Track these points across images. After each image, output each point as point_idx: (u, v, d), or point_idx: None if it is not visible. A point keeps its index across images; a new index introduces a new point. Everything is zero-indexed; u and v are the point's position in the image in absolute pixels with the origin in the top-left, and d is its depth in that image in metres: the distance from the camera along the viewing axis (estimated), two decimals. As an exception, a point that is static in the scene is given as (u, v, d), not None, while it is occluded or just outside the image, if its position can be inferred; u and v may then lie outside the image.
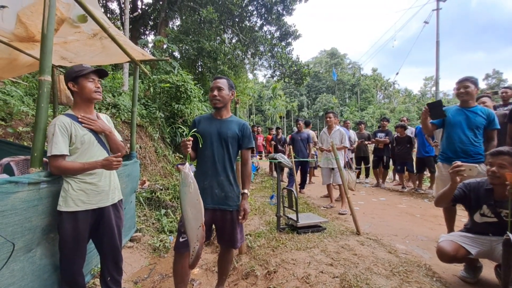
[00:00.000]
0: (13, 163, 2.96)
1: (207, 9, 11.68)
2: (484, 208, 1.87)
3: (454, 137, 2.72)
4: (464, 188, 1.95)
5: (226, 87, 1.83)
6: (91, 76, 1.74)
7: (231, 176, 1.82)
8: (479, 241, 1.86)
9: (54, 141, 1.60)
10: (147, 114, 7.41)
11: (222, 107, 1.85)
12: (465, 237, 1.90)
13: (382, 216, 3.96)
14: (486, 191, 1.86)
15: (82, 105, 1.78)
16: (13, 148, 3.57)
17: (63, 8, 2.12)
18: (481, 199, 1.87)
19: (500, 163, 1.74)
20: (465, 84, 2.67)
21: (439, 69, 12.80)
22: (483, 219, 1.88)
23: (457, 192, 1.92)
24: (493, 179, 1.78)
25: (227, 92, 1.82)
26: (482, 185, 1.90)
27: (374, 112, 46.84)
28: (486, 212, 1.86)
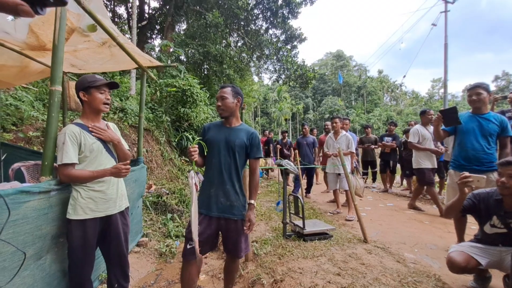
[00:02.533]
0: (24, 168, 3.02)
1: (213, 13, 11.79)
2: (494, 219, 1.84)
3: (467, 145, 2.67)
4: (474, 198, 1.92)
5: (230, 95, 1.82)
6: (103, 88, 1.77)
7: (237, 185, 1.82)
8: (489, 252, 1.83)
9: (65, 149, 1.63)
10: (153, 118, 7.49)
11: (228, 116, 1.85)
12: (475, 247, 1.87)
13: (390, 223, 3.90)
14: (495, 201, 1.83)
15: (90, 114, 1.81)
16: (23, 153, 3.65)
17: (73, 18, 2.16)
18: (491, 210, 1.84)
19: (509, 173, 1.70)
20: (477, 91, 2.63)
21: (448, 71, 12.63)
22: (493, 230, 1.85)
23: (467, 203, 1.89)
24: (503, 190, 1.75)
25: (231, 100, 1.81)
26: (492, 195, 1.87)
27: (381, 115, 46.39)
28: (496, 223, 1.83)
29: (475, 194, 1.93)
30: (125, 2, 15.36)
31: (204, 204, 1.80)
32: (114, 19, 16.32)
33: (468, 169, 2.68)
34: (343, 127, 4.85)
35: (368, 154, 6.90)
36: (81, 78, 1.81)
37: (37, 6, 0.43)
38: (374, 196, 6.11)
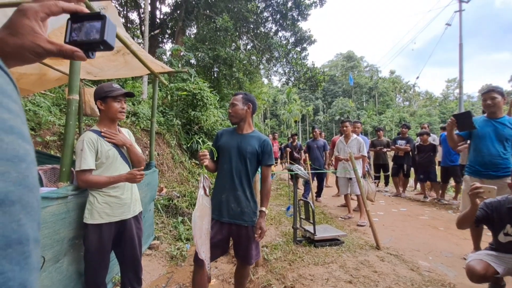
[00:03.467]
0: (42, 172, 3.15)
1: (222, 17, 11.91)
2: (508, 227, 1.80)
3: (482, 149, 2.59)
4: (486, 208, 1.88)
5: (240, 102, 1.85)
6: (119, 97, 1.83)
7: (248, 192, 1.83)
8: (505, 260, 1.80)
9: (83, 156, 1.69)
10: (164, 121, 7.62)
11: (239, 122, 1.87)
12: (491, 255, 1.82)
13: (403, 229, 3.81)
14: (508, 210, 1.79)
15: (106, 122, 1.87)
16: (42, 157, 3.79)
17: (90, 28, 2.24)
18: (504, 219, 1.80)
19: None
20: (491, 95, 2.56)
21: (463, 71, 12.26)
22: (507, 239, 1.81)
23: (479, 213, 1.85)
24: None
25: (241, 106, 1.84)
26: (504, 204, 1.83)
27: (393, 116, 45.44)
28: (510, 232, 1.79)
29: (487, 204, 1.89)
30: (138, 8, 15.77)
31: (216, 209, 1.82)
32: (127, 24, 16.76)
33: (485, 174, 2.60)
34: (354, 130, 4.78)
35: (380, 157, 6.77)
36: (99, 88, 1.87)
37: (89, 52, 0.48)
38: (386, 201, 5.99)
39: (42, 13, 0.43)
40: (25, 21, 0.42)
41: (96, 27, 0.47)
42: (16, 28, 0.41)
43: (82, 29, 0.47)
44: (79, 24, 0.47)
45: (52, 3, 0.44)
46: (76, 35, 0.47)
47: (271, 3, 13.58)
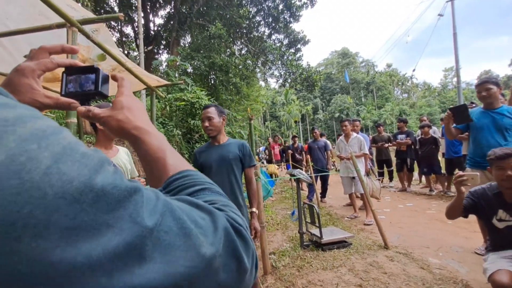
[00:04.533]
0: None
1: (215, 25, 12.01)
2: (500, 212, 1.78)
3: (481, 141, 2.57)
4: (472, 196, 1.87)
5: (216, 114, 1.89)
6: None
7: (240, 198, 1.87)
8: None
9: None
10: (164, 132, 7.65)
11: (217, 134, 1.91)
12: (504, 258, 1.76)
13: (411, 225, 3.78)
14: (495, 195, 1.78)
15: (104, 141, 1.91)
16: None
17: (83, 51, 2.27)
18: (493, 205, 1.79)
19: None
20: (486, 86, 2.54)
21: (459, 61, 12.21)
22: (504, 224, 1.78)
23: (466, 202, 1.85)
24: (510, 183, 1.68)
25: (217, 119, 1.88)
26: (489, 190, 1.82)
27: (393, 109, 45.35)
28: (503, 217, 1.77)
29: (472, 192, 1.88)
30: (132, 22, 15.93)
31: None
32: (122, 38, 16.94)
33: (485, 166, 2.57)
34: (354, 129, 4.78)
35: (382, 153, 6.74)
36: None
37: (85, 102, 0.50)
38: (392, 197, 5.95)
39: (38, 71, 0.46)
40: (24, 80, 0.45)
41: (91, 78, 0.49)
42: (16, 86, 0.45)
43: (77, 81, 0.49)
44: (74, 76, 0.49)
45: (47, 60, 0.47)
46: (72, 87, 0.49)
47: (262, 7, 13.67)
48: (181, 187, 0.38)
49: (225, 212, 0.34)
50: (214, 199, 0.37)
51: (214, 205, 0.35)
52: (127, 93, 0.48)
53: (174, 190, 0.38)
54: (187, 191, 0.38)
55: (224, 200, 0.38)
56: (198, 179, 0.40)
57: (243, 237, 0.32)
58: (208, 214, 0.31)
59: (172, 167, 0.42)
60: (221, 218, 0.31)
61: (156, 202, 0.27)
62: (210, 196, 0.37)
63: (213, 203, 0.36)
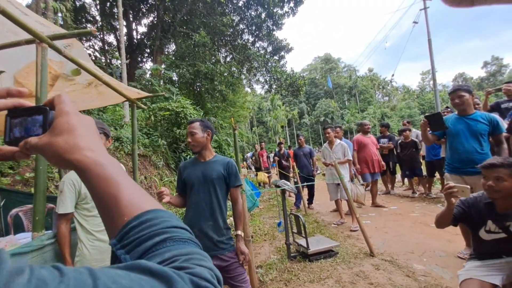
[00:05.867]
0: (22, 214, 2.99)
1: (199, 33, 11.99)
2: (489, 223, 1.74)
3: (458, 147, 2.66)
4: (462, 205, 1.84)
5: (200, 130, 1.82)
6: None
7: (221, 220, 1.78)
8: (496, 267, 1.73)
9: (62, 199, 1.66)
10: (149, 143, 7.47)
11: (200, 150, 1.84)
12: (481, 267, 1.78)
13: (396, 229, 3.84)
14: (486, 205, 1.75)
15: None
16: (21, 196, 3.61)
17: (56, 66, 2.17)
18: (483, 214, 1.76)
19: (496, 176, 1.65)
20: (459, 94, 2.64)
21: (435, 65, 12.78)
22: (491, 236, 1.74)
23: (456, 211, 1.82)
24: (492, 194, 1.68)
25: (201, 134, 1.81)
26: (481, 200, 1.79)
27: (375, 112, 46.68)
28: (492, 228, 1.74)
29: (463, 201, 1.86)
30: (114, 30, 15.66)
31: None
32: (104, 47, 16.59)
33: (463, 171, 2.66)
34: (336, 135, 4.83)
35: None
36: None
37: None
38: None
39: None
40: None
41: (38, 121, 0.43)
42: None
43: (23, 125, 0.43)
44: (19, 119, 0.43)
45: None
46: (18, 131, 0.43)
47: (245, 15, 13.83)
48: (137, 241, 0.33)
49: (189, 269, 0.30)
50: (176, 253, 0.32)
51: (175, 263, 0.31)
52: (68, 110, 0.40)
53: (130, 245, 0.33)
54: (145, 245, 0.33)
55: (189, 250, 0.34)
56: (158, 224, 0.35)
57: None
58: (165, 282, 0.27)
59: (127, 208, 0.35)
60: (180, 284, 0.27)
61: None
62: (172, 250, 0.33)
63: (174, 260, 0.31)
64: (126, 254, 0.33)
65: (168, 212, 0.38)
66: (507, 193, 1.66)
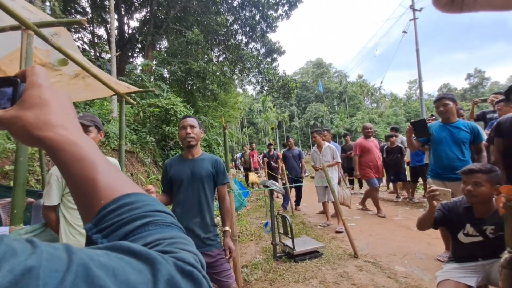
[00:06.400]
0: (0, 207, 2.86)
1: (193, 31, 11.89)
2: (467, 227, 1.81)
3: (441, 154, 2.75)
4: (443, 209, 1.91)
5: (197, 124, 1.83)
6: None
7: (208, 217, 1.79)
8: (472, 269, 1.81)
9: (48, 191, 1.67)
10: (137, 139, 7.33)
11: (195, 145, 1.82)
12: (458, 269, 1.85)
13: (379, 232, 3.93)
14: (465, 209, 1.82)
15: None
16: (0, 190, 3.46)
17: (41, 55, 2.10)
18: (462, 218, 1.82)
19: (474, 181, 1.72)
20: (443, 102, 2.75)
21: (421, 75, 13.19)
22: (469, 239, 1.81)
23: (437, 214, 1.88)
24: (471, 198, 1.75)
25: (198, 129, 1.82)
26: (460, 204, 1.86)
27: (363, 118, 47.63)
28: (470, 232, 1.80)
29: (443, 205, 1.92)
30: (105, 23, 15.28)
31: None
32: (94, 39, 16.16)
33: (446, 177, 2.75)
34: (323, 138, 4.87)
35: (351, 161, 7.01)
36: None
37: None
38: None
39: None
40: None
41: (7, 93, 0.39)
42: None
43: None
44: None
45: None
46: None
47: (239, 16, 13.82)
48: (117, 225, 0.31)
49: (173, 253, 0.29)
50: (159, 237, 0.31)
51: (158, 247, 0.29)
52: (41, 83, 0.36)
53: (108, 229, 0.31)
54: (125, 229, 0.30)
55: (173, 234, 0.32)
56: (139, 208, 0.32)
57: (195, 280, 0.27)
58: (147, 264, 0.26)
59: (105, 191, 0.32)
60: (164, 266, 0.26)
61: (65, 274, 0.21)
62: (155, 234, 0.31)
63: (157, 244, 0.30)
64: (103, 239, 0.31)
65: (150, 196, 0.36)
66: (484, 198, 1.73)
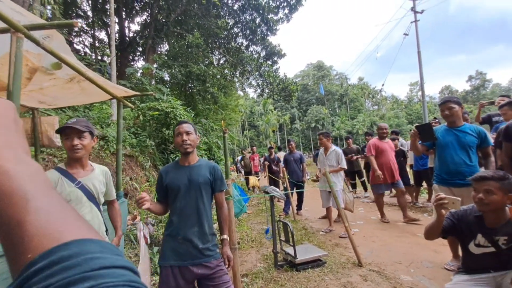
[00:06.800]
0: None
1: (193, 34, 11.88)
2: (479, 237, 1.72)
3: (446, 158, 2.66)
4: (452, 218, 1.82)
5: (193, 130, 1.77)
6: (67, 133, 1.68)
7: (206, 226, 1.71)
8: (483, 281, 1.71)
9: None
10: (137, 143, 7.26)
11: (192, 152, 1.76)
12: (468, 281, 1.75)
13: (383, 239, 3.82)
14: (476, 218, 1.73)
15: (69, 159, 1.73)
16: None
17: (34, 58, 2.04)
18: (473, 228, 1.74)
19: (486, 188, 1.64)
20: (448, 105, 2.66)
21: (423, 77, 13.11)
22: (480, 250, 1.72)
23: (446, 223, 1.79)
24: (482, 207, 1.67)
25: (195, 135, 1.76)
26: (471, 213, 1.77)
27: (365, 120, 47.51)
28: (481, 242, 1.72)
29: (453, 213, 1.83)
30: (106, 27, 15.33)
31: (172, 254, 1.65)
32: (94, 43, 16.21)
33: (452, 183, 2.66)
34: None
35: (353, 164, 6.92)
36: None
37: None
38: (365, 208, 6.05)
39: None
40: None
41: None
42: None
43: None
44: None
45: None
46: None
47: (240, 19, 13.82)
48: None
49: None
50: None
51: None
52: None
53: None
54: None
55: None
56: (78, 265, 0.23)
57: None
58: None
59: (35, 239, 0.24)
60: None
61: None
62: None
63: None
64: None
65: (101, 242, 0.26)
66: (496, 207, 1.64)
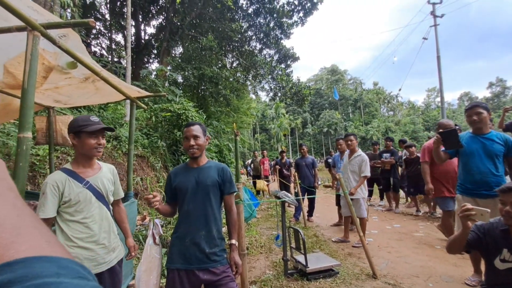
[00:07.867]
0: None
1: (207, 37, 12.01)
2: (504, 252, 1.59)
3: (472, 168, 2.49)
4: (477, 231, 1.68)
5: (201, 133, 1.71)
6: (96, 132, 1.64)
7: (215, 230, 1.65)
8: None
9: (43, 202, 1.52)
10: (149, 143, 7.36)
11: (200, 155, 1.72)
12: None
13: (399, 250, 3.64)
14: (502, 232, 1.60)
15: (81, 159, 1.68)
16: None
17: (50, 57, 2.06)
18: (499, 242, 1.61)
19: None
20: (476, 110, 2.49)
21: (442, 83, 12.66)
22: (506, 265, 1.59)
23: (470, 237, 1.65)
24: (509, 220, 1.54)
25: (203, 139, 1.71)
26: (497, 226, 1.64)
27: (379, 126, 46.51)
28: (507, 257, 1.58)
29: (478, 226, 1.70)
30: (123, 29, 15.78)
31: (180, 257, 1.61)
32: (111, 45, 16.71)
33: (477, 193, 2.48)
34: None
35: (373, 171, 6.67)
36: (73, 121, 1.70)
37: None
38: (379, 216, 5.84)
39: None
40: None
41: None
42: None
43: None
44: None
45: None
46: None
47: (254, 23, 13.87)
48: None
49: None
50: None
51: None
52: None
53: None
54: None
55: None
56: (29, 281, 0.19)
57: None
58: None
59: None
60: None
61: None
62: None
63: None
64: None
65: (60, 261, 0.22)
66: None
